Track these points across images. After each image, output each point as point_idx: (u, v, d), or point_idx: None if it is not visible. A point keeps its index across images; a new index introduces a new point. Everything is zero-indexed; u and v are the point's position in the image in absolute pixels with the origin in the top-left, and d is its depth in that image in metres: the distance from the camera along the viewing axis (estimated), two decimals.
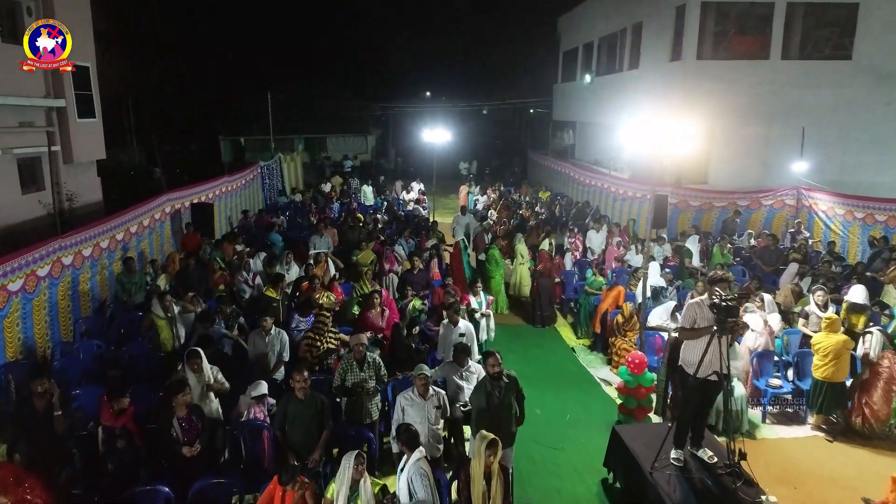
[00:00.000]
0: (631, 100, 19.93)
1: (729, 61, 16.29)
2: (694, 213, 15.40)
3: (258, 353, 7.11)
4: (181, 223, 13.33)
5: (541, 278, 11.80)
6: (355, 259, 10.92)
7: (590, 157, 26.20)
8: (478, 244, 13.07)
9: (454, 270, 12.61)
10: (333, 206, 19.15)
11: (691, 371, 5.25)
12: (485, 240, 12.77)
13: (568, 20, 27.41)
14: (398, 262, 11.54)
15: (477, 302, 9.07)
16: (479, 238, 13.02)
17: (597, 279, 10.45)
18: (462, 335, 7.33)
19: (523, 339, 10.63)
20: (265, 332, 7.10)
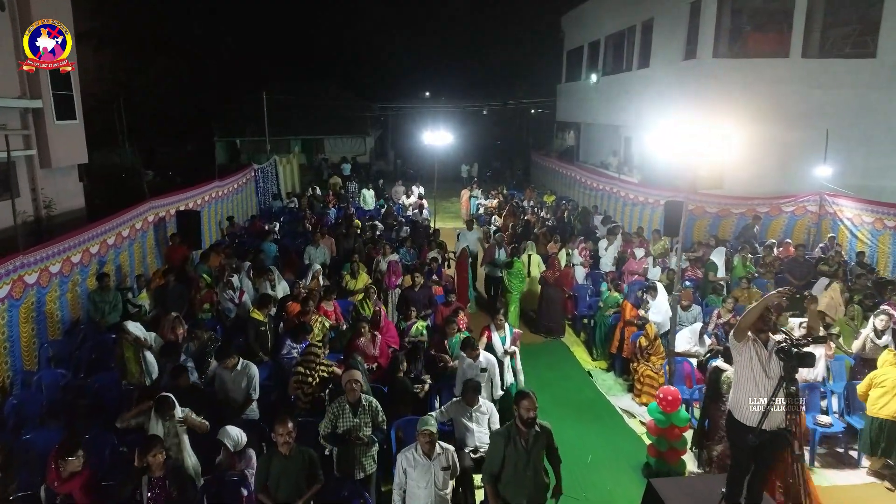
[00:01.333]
0: (640, 100, 19.12)
1: (746, 59, 15.44)
2: (711, 220, 14.56)
3: (224, 391, 6.23)
4: (165, 233, 12.48)
5: (547, 287, 11.04)
6: (346, 286, 10.02)
7: (594, 159, 25.41)
8: (487, 259, 12.13)
9: (458, 280, 11.82)
10: (330, 212, 18.28)
11: (750, 422, 4.39)
12: (495, 254, 11.81)
13: (572, 18, 26.58)
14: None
15: (500, 337, 7.59)
16: (489, 253, 12.03)
17: (612, 295, 9.59)
18: (483, 370, 6.43)
19: (534, 359, 9.74)
20: (229, 369, 6.23)
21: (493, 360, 6.62)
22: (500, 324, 7.70)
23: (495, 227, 17.79)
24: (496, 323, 7.70)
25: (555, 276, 11.07)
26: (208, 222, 15.08)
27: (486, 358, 6.57)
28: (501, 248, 11.77)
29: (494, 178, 31.99)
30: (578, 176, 21.25)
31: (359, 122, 36.09)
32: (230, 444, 5.17)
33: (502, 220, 16.80)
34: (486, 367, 6.42)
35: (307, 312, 7.80)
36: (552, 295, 11.00)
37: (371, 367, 6.97)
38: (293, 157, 26.64)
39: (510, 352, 7.49)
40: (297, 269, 11.67)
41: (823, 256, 11.70)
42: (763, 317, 4.41)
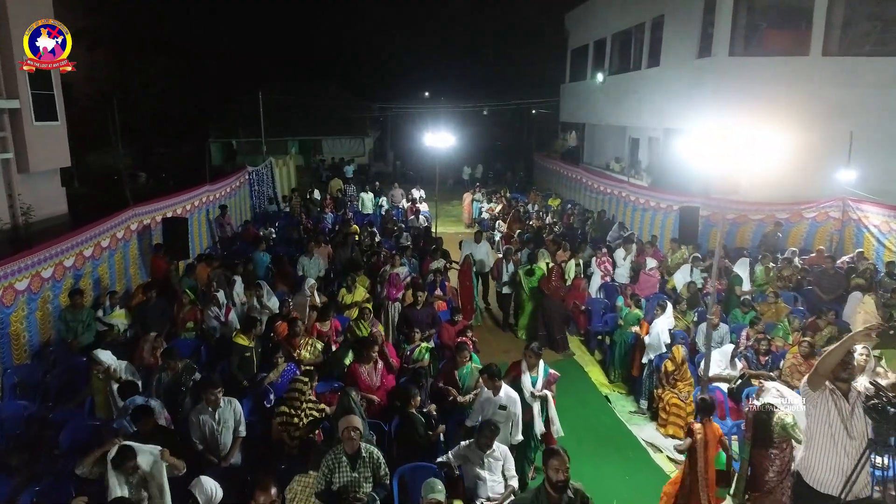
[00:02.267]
0: (649, 100, 18.40)
1: (764, 58, 14.69)
2: (728, 227, 13.80)
3: (202, 434, 5.45)
4: (151, 242, 11.72)
5: (544, 298, 10.34)
6: (342, 300, 9.26)
7: (599, 161, 24.69)
8: (495, 275, 11.35)
9: (462, 289, 11.07)
10: (326, 217, 17.51)
11: (827, 489, 3.65)
12: (502, 269, 10.98)
13: (577, 16, 25.83)
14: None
15: (531, 378, 6.23)
16: (495, 269, 11.23)
17: (633, 312, 8.84)
18: (503, 407, 5.58)
19: None
20: (212, 405, 5.45)
21: (515, 399, 5.72)
22: (533, 362, 6.27)
23: (499, 233, 17.11)
24: (528, 360, 6.30)
25: (552, 287, 10.36)
26: (198, 229, 14.34)
27: (508, 394, 5.70)
28: (509, 262, 10.90)
29: (496, 180, 31.21)
30: (584, 178, 20.49)
31: (357, 123, 35.33)
32: (202, 499, 4.42)
33: (507, 225, 16.04)
34: (506, 404, 5.61)
35: (296, 335, 7.05)
36: (549, 307, 10.31)
37: (372, 400, 6.19)
38: (290, 158, 25.86)
39: (540, 395, 6.17)
40: (291, 281, 10.93)
41: (853, 266, 10.95)
42: (845, 361, 3.66)
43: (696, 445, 5.39)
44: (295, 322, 7.18)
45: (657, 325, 8.24)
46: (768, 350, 7.59)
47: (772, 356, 7.69)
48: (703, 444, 5.38)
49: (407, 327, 7.99)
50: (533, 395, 6.13)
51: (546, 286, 10.41)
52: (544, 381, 6.26)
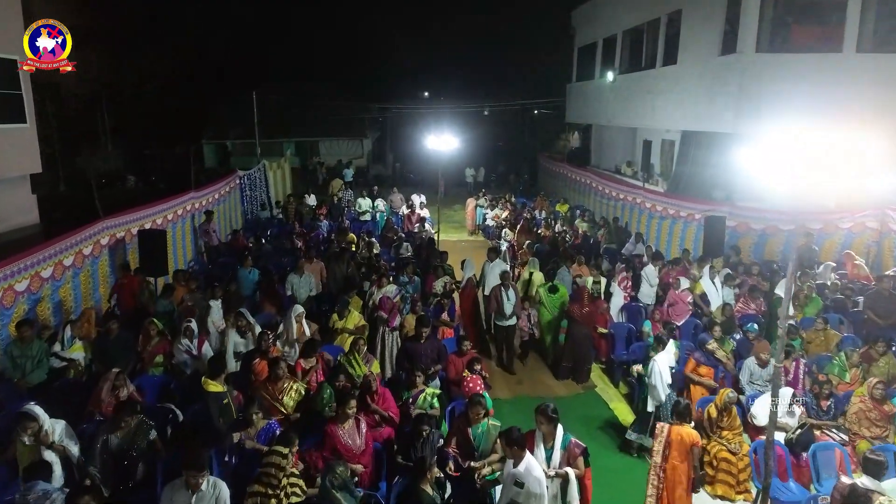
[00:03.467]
0: (665, 100, 17.31)
1: (794, 54, 13.60)
2: (755, 238, 12.71)
3: None
4: (126, 257, 10.63)
5: (574, 324, 9.20)
6: (334, 325, 8.18)
7: (608, 164, 23.61)
8: (493, 308, 9.51)
9: (465, 315, 9.95)
10: (321, 225, 16.40)
11: None
12: (502, 299, 9.20)
13: (584, 13, 24.73)
14: (400, 314, 8.87)
15: (545, 451, 4.89)
16: (494, 298, 9.35)
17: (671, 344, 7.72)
18: (519, 485, 4.43)
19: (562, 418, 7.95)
20: (192, 488, 4.36)
21: (538, 476, 4.49)
22: (547, 430, 4.90)
23: (506, 242, 16.01)
24: (539, 426, 4.93)
25: (582, 311, 9.23)
26: (182, 240, 13.25)
27: (529, 466, 4.52)
28: (510, 289, 9.34)
29: (499, 183, 30.12)
30: (594, 183, 19.38)
31: (356, 124, 34.24)
32: None
33: (515, 235, 14.93)
34: (523, 480, 4.48)
35: (277, 378, 5.96)
36: (579, 334, 9.14)
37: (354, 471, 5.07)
38: (284, 161, 24.74)
39: (560, 474, 4.79)
40: (279, 302, 9.84)
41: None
42: None
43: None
44: (277, 362, 6.07)
45: (657, 362, 7.01)
46: (830, 394, 6.51)
47: (834, 399, 6.61)
48: (664, 445, 5.68)
49: (408, 362, 6.90)
50: (555, 475, 4.79)
51: (578, 312, 9.21)
52: (563, 455, 4.90)
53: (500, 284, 9.33)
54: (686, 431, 5.74)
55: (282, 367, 6.02)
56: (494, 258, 10.87)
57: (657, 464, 5.71)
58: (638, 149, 21.91)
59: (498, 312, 9.23)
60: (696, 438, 5.76)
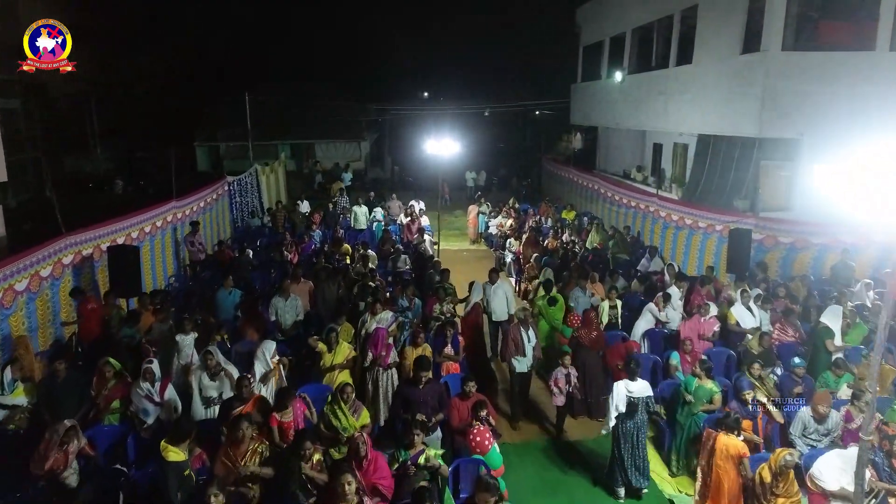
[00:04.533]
0: (678, 102, 16.33)
1: (823, 53, 12.61)
2: (783, 252, 11.70)
3: None
4: (94, 278, 9.63)
5: (582, 350, 8.30)
6: (323, 364, 7.16)
7: (615, 168, 22.63)
8: (510, 353, 7.93)
9: (468, 342, 8.90)
10: (314, 235, 15.38)
11: None
12: (521, 339, 7.85)
13: (590, 10, 23.76)
14: (397, 344, 7.88)
15: None
16: (513, 338, 7.89)
17: (704, 385, 6.68)
18: None
19: (577, 469, 6.98)
20: None
21: None
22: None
23: (511, 253, 15.02)
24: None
25: (591, 336, 8.32)
26: (161, 256, 12.24)
27: None
28: (530, 329, 7.99)
29: (500, 186, 29.08)
30: (603, 189, 18.36)
31: (354, 125, 33.20)
32: None
33: (521, 247, 13.90)
34: None
35: (237, 441, 4.94)
36: (589, 362, 8.25)
37: None
38: (278, 164, 23.75)
39: None
40: (263, 327, 8.82)
41: None
42: None
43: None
44: (238, 423, 5.04)
45: None
46: None
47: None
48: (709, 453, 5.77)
49: (405, 411, 5.89)
50: None
51: (586, 337, 8.33)
52: None
53: (518, 322, 7.94)
54: (733, 443, 5.75)
55: (243, 429, 4.99)
56: (496, 279, 9.59)
57: (702, 466, 6.01)
58: (647, 153, 20.95)
59: (515, 355, 7.83)
60: (743, 450, 5.71)
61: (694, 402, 6.61)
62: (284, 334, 8.75)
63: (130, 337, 7.33)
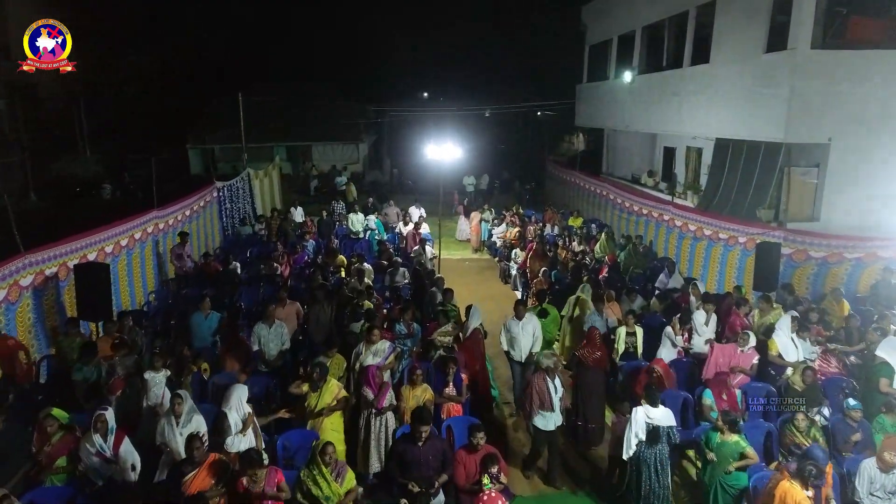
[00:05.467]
0: (695, 103, 15.41)
1: (855, 51, 11.69)
2: (815, 268, 10.76)
3: None
4: (58, 299, 8.71)
5: (584, 370, 7.61)
6: (308, 406, 6.24)
7: (622, 172, 21.72)
8: (534, 402, 6.56)
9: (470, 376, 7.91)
10: (307, 245, 14.47)
11: None
12: (548, 392, 6.49)
13: (597, 8, 22.83)
14: (393, 377, 6.98)
15: None
16: (538, 389, 6.51)
17: (729, 440, 5.59)
18: None
19: None
20: None
21: None
22: None
23: (516, 265, 14.09)
24: None
25: (594, 356, 7.60)
26: (140, 271, 11.32)
27: None
28: (556, 377, 6.68)
29: (502, 190, 28.12)
30: (612, 195, 17.43)
31: (352, 127, 32.27)
32: None
33: (528, 261, 12.95)
34: None
35: None
36: (591, 382, 7.56)
37: None
38: (272, 168, 22.81)
39: None
40: (244, 356, 7.90)
41: None
42: None
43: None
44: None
45: None
46: None
47: None
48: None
49: (402, 474, 4.96)
50: None
51: (589, 356, 7.56)
52: None
53: (542, 370, 6.61)
54: (797, 497, 4.86)
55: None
56: (523, 314, 8.04)
57: None
58: (657, 156, 20.05)
59: (540, 410, 6.52)
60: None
61: (718, 461, 5.67)
62: (268, 365, 7.84)
63: (84, 380, 6.39)
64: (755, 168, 12.94)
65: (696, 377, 7.77)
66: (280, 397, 7.43)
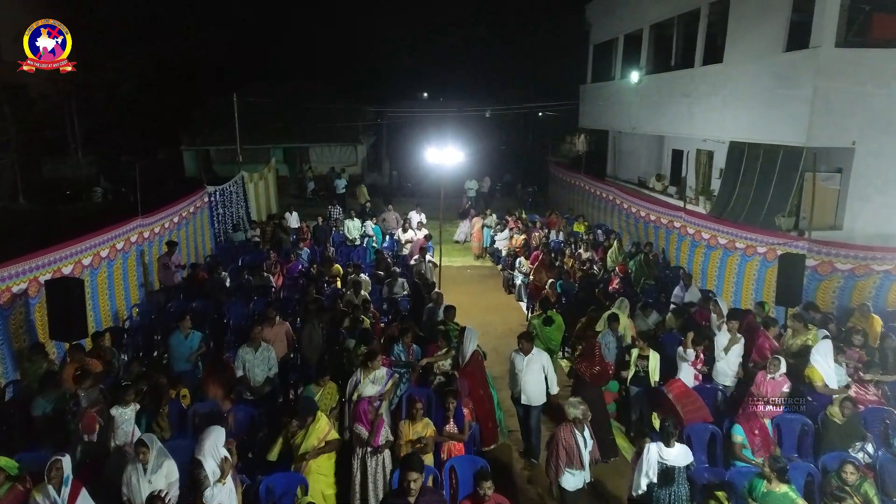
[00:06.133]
0: (707, 105, 14.77)
1: (882, 50, 11.04)
2: (841, 281, 10.09)
3: None
4: (28, 318, 8.05)
5: (582, 386, 7.16)
6: (293, 443, 5.56)
7: (627, 175, 21.07)
8: (560, 451, 5.65)
9: (475, 396, 7.27)
10: (302, 253, 13.80)
11: None
12: (577, 447, 5.57)
13: (601, 6, 22.20)
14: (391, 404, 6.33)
15: None
16: (565, 444, 5.60)
17: (775, 491, 4.90)
18: None
19: None
20: None
21: None
22: None
23: (521, 274, 13.44)
24: None
25: (593, 370, 7.18)
26: (123, 284, 10.65)
27: None
28: (585, 428, 5.70)
29: (504, 192, 27.47)
30: (620, 200, 16.75)
31: (350, 127, 31.59)
32: None
33: (533, 271, 12.29)
34: None
35: None
36: (590, 397, 6.79)
37: None
38: (268, 170, 22.13)
39: None
40: (228, 383, 7.23)
41: None
42: None
43: None
44: None
45: None
46: None
47: None
48: None
49: None
50: None
51: (587, 369, 7.16)
52: None
53: (570, 422, 5.63)
54: None
55: None
56: (530, 349, 7.00)
57: None
58: (665, 159, 19.38)
59: (568, 467, 5.59)
60: None
61: None
62: (254, 393, 7.17)
63: (44, 416, 5.73)
64: (773, 173, 12.29)
65: (721, 407, 7.10)
66: (267, 428, 6.80)
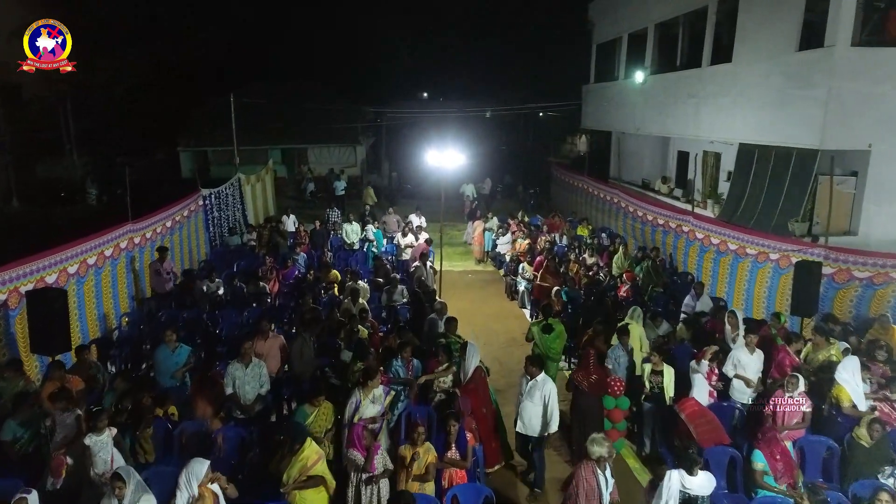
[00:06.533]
0: (715, 105, 14.37)
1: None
2: (859, 290, 9.69)
3: None
4: (9, 329, 7.66)
5: (580, 395, 7.01)
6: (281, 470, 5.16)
7: (631, 177, 20.69)
8: (581, 493, 4.99)
9: (478, 414, 6.87)
10: (298, 259, 13.40)
11: None
12: (597, 488, 4.99)
13: (605, 5, 21.80)
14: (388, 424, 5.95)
15: None
16: (586, 478, 5.01)
17: None
18: None
19: None
20: None
21: None
22: None
23: (524, 280, 13.05)
24: None
25: (590, 380, 6.98)
26: (112, 292, 10.25)
27: None
28: (607, 467, 5.14)
29: (506, 195, 27.06)
30: (625, 203, 16.35)
31: (349, 128, 31.18)
32: None
33: (539, 278, 11.88)
34: None
35: None
36: (586, 407, 6.98)
37: None
38: (265, 172, 21.74)
39: None
40: (217, 400, 6.83)
41: None
42: None
43: None
44: None
45: None
46: None
47: None
48: None
49: None
50: None
51: (584, 380, 6.96)
52: None
53: (592, 460, 5.05)
54: None
55: None
56: (536, 373, 6.48)
57: None
58: (670, 161, 18.96)
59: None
60: None
61: None
62: (245, 411, 6.77)
63: (14, 441, 5.34)
64: (785, 176, 11.89)
65: (738, 426, 6.71)
66: (258, 448, 6.41)
